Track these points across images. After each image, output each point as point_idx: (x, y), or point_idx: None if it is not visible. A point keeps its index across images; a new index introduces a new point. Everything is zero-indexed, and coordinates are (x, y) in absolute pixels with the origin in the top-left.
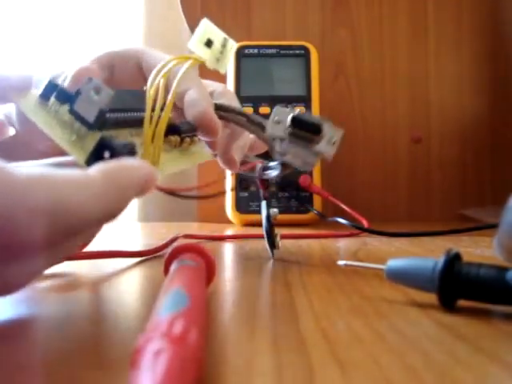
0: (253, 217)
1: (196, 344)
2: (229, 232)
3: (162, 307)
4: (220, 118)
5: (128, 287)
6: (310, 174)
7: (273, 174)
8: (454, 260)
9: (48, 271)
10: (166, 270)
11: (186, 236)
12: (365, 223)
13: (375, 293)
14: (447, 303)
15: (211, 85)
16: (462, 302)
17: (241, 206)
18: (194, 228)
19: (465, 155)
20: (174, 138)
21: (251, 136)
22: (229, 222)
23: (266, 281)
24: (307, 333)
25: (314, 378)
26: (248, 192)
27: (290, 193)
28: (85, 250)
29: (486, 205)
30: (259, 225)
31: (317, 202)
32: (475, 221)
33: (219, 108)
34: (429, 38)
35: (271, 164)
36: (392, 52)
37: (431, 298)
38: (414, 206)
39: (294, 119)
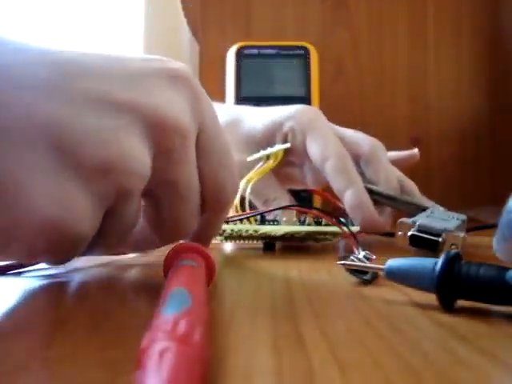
0: None
1: (200, 343)
2: None
3: (165, 307)
4: (374, 201)
5: (128, 287)
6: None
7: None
8: (453, 260)
9: (47, 270)
10: (166, 270)
11: None
12: None
13: (375, 293)
14: (447, 303)
15: (356, 141)
16: (461, 302)
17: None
18: None
19: (464, 155)
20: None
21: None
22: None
23: (266, 281)
24: (307, 333)
25: (313, 377)
26: None
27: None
28: None
29: (486, 205)
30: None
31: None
32: (475, 221)
33: (374, 193)
34: (428, 39)
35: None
36: (392, 52)
37: (431, 297)
38: None
39: (412, 237)
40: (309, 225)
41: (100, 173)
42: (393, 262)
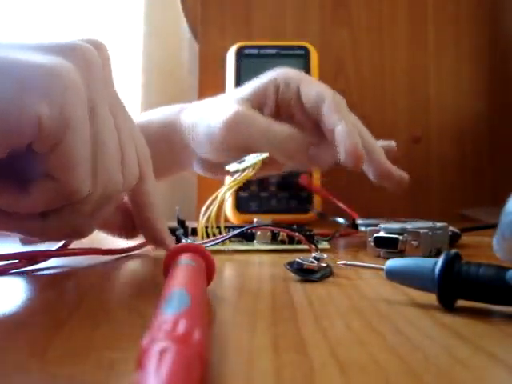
0: (253, 216)
1: (200, 343)
2: None
3: (165, 307)
4: None
5: (128, 287)
6: (310, 173)
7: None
8: (453, 260)
9: (47, 270)
10: (166, 270)
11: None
12: None
13: (375, 293)
14: (447, 303)
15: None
16: (461, 302)
17: (241, 206)
18: None
19: (464, 155)
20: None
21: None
22: (229, 221)
23: (266, 281)
24: (307, 333)
25: (313, 378)
26: (248, 192)
27: (290, 193)
28: (79, 247)
29: (486, 205)
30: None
31: (317, 201)
32: (475, 221)
33: None
34: (428, 38)
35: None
36: (391, 52)
37: (431, 297)
38: (414, 206)
39: (376, 239)
40: (282, 241)
41: (67, 49)
42: (393, 262)
